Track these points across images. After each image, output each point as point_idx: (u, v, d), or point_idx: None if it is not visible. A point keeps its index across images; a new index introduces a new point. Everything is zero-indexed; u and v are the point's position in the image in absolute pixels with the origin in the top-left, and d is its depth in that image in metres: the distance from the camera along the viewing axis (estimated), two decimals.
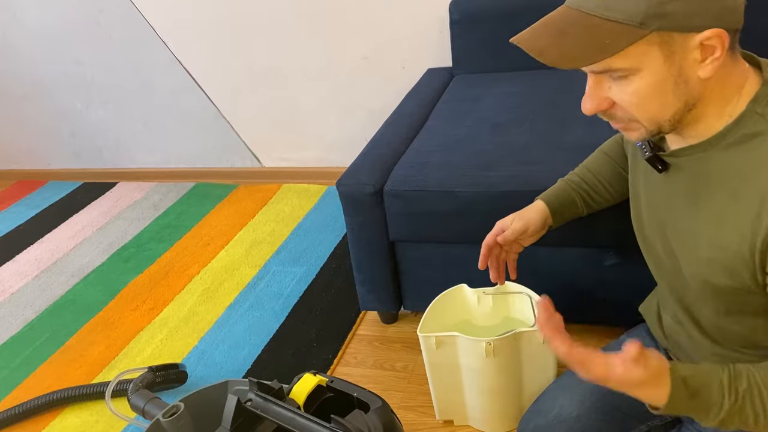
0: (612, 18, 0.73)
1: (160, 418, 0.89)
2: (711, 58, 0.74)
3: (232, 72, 2.72)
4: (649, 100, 0.77)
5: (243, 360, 1.87)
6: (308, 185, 2.81)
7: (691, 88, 0.76)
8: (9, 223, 2.94)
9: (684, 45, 0.73)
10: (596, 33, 0.73)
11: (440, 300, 1.45)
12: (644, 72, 0.75)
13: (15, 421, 1.79)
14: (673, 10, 0.71)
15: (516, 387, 1.40)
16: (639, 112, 0.79)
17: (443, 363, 1.38)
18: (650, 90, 0.76)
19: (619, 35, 0.73)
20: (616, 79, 0.77)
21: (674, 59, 0.74)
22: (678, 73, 0.75)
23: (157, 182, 3.10)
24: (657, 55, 0.74)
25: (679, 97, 0.77)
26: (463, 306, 1.49)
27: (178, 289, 2.25)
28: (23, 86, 3.10)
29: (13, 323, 2.24)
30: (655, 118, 0.79)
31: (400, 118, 1.99)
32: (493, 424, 1.46)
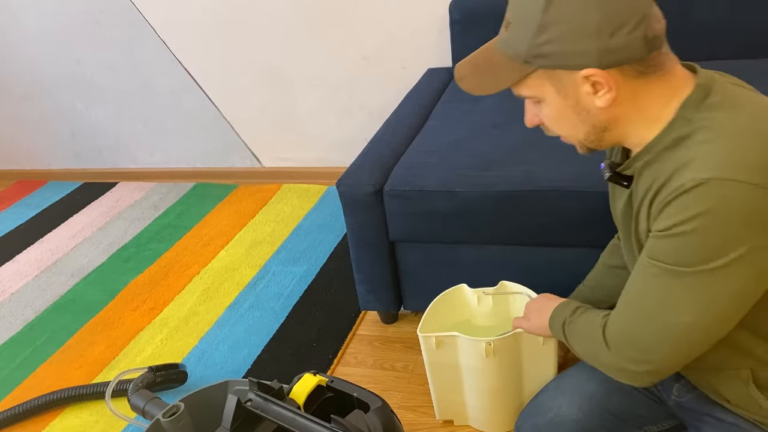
0: (507, 55, 0.86)
1: (160, 418, 0.89)
2: (602, 92, 0.82)
3: (232, 72, 2.72)
4: (559, 123, 0.89)
5: (243, 360, 1.87)
6: (308, 185, 2.81)
7: (594, 115, 0.85)
8: (9, 223, 2.94)
9: (571, 80, 0.83)
10: (496, 66, 0.87)
11: (440, 300, 1.45)
12: (546, 102, 0.87)
13: (15, 421, 1.79)
14: (549, 52, 0.81)
15: (516, 387, 1.40)
16: (556, 131, 0.91)
17: (443, 363, 1.38)
18: (555, 116, 0.88)
19: (512, 70, 0.86)
20: (533, 102, 0.90)
21: (567, 92, 0.84)
22: (575, 103, 0.85)
23: (157, 182, 3.10)
24: (550, 89, 0.85)
25: (585, 123, 0.87)
26: (462, 306, 1.49)
27: (178, 289, 2.25)
28: (23, 86, 3.10)
29: (13, 323, 2.24)
30: (572, 138, 0.91)
31: (400, 118, 1.99)
32: (493, 425, 1.46)
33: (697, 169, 0.76)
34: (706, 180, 0.74)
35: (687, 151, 0.80)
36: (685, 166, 0.78)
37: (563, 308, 1.09)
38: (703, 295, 0.79)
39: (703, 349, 0.85)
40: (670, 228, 0.78)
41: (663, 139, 0.83)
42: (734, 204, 0.74)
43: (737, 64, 1.89)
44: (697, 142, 0.79)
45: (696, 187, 0.75)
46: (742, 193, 0.74)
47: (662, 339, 0.84)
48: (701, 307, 0.80)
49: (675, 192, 0.77)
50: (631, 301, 0.88)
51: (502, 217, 1.54)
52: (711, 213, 0.75)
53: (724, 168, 0.75)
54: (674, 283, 0.80)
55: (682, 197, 0.77)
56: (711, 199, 0.74)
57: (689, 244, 0.77)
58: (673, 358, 0.86)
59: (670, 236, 0.79)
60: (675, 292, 0.81)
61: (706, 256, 0.77)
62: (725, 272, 0.77)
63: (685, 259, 0.78)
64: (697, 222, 0.76)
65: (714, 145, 0.78)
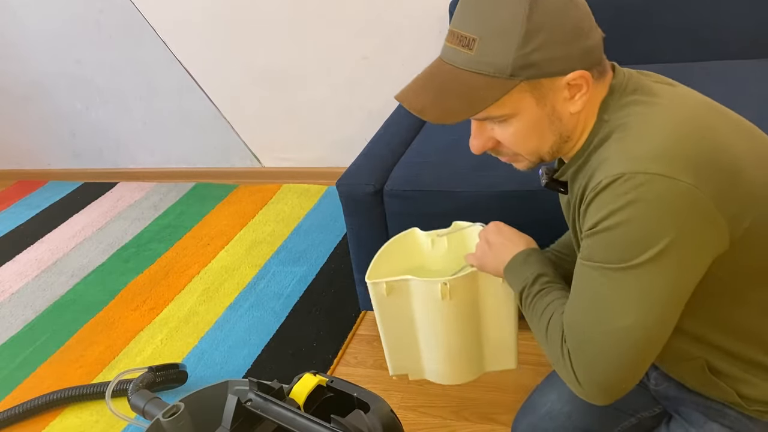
0: (484, 72, 0.80)
1: (160, 418, 0.89)
2: (579, 95, 0.81)
3: (232, 72, 2.72)
4: (528, 138, 0.85)
5: (243, 360, 1.87)
6: (308, 185, 2.81)
7: (564, 123, 0.84)
8: (9, 223, 2.94)
9: (553, 87, 0.81)
10: (470, 87, 0.81)
11: (390, 245, 1.32)
12: (520, 115, 0.82)
13: (15, 421, 1.79)
14: (538, 60, 0.78)
15: (475, 333, 1.27)
16: (520, 148, 0.87)
17: (396, 311, 1.26)
18: (528, 130, 0.84)
19: (492, 88, 0.80)
20: (496, 122, 0.84)
21: (546, 101, 0.82)
22: (551, 112, 0.83)
23: (157, 182, 3.10)
24: (530, 100, 0.81)
25: (554, 132, 0.85)
26: (415, 251, 1.36)
27: (178, 289, 2.25)
28: (23, 86, 3.10)
29: (13, 323, 2.24)
30: (535, 152, 0.87)
31: (400, 118, 1.99)
32: (451, 376, 1.33)
33: (610, 166, 0.77)
34: (619, 175, 0.75)
35: (605, 151, 0.81)
36: (602, 165, 0.79)
37: (522, 267, 0.99)
38: (636, 293, 0.77)
39: (654, 352, 0.81)
40: (594, 226, 0.78)
41: (589, 143, 0.85)
42: (649, 196, 0.73)
43: (738, 65, 1.90)
44: (613, 141, 0.81)
45: (611, 184, 0.75)
46: (654, 185, 0.73)
47: (608, 349, 0.79)
48: (636, 307, 0.77)
49: (593, 191, 0.78)
50: (574, 306, 0.84)
51: (502, 217, 1.53)
52: (628, 207, 0.74)
53: (635, 162, 0.75)
54: (606, 284, 0.79)
55: (600, 195, 0.77)
56: (626, 194, 0.74)
57: (613, 240, 0.77)
58: (624, 368, 0.80)
59: (594, 234, 0.78)
60: (608, 294, 0.79)
61: (631, 252, 0.76)
62: (652, 267, 0.75)
63: (612, 255, 0.77)
64: (616, 217, 0.75)
65: (626, 141, 0.79)
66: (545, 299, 0.93)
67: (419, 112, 0.84)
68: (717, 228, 0.76)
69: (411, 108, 0.84)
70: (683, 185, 0.73)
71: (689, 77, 0.99)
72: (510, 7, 0.78)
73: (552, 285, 0.94)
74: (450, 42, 0.84)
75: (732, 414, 0.91)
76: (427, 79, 0.86)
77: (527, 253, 1.01)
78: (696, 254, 0.77)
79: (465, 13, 0.82)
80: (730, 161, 0.78)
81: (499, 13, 0.79)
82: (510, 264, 1.01)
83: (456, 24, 0.83)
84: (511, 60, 0.78)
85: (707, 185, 0.74)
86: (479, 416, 1.60)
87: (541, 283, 0.95)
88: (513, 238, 1.05)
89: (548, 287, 0.94)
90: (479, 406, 1.62)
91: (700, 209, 0.74)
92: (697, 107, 0.83)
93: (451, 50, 0.83)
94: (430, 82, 0.85)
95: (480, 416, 1.59)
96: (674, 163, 0.74)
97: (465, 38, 0.81)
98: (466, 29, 0.81)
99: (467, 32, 0.81)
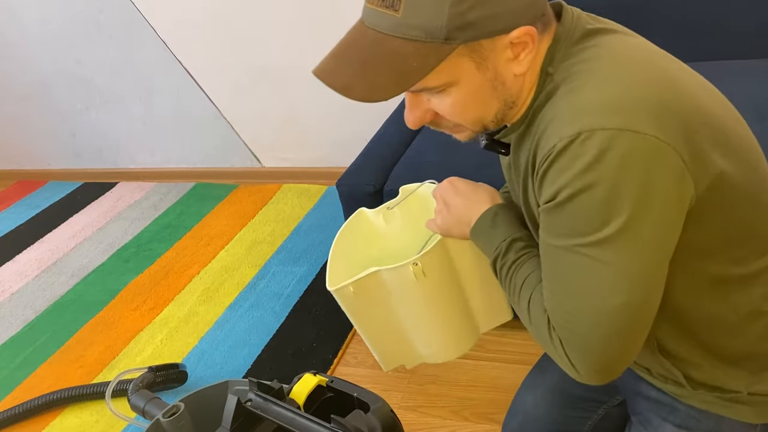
0: (414, 37, 0.68)
1: (160, 418, 0.89)
2: (524, 53, 0.72)
3: (232, 72, 2.71)
4: (470, 107, 0.75)
5: (243, 360, 1.87)
6: (308, 185, 2.81)
7: (508, 86, 0.74)
8: (9, 223, 2.95)
9: (494, 48, 0.70)
10: (400, 57, 0.69)
11: (341, 238, 1.18)
12: (459, 83, 0.72)
13: (15, 421, 1.79)
14: (476, 19, 0.67)
15: (460, 301, 1.16)
16: (461, 119, 0.77)
17: (370, 309, 1.14)
18: (468, 98, 0.74)
19: (426, 55, 0.68)
20: (433, 92, 0.74)
21: (487, 65, 0.71)
22: (493, 77, 0.73)
23: (157, 182, 3.11)
24: (469, 65, 0.71)
25: (498, 98, 0.75)
26: (370, 234, 1.23)
27: (178, 289, 2.25)
28: (23, 86, 3.10)
29: (13, 323, 2.24)
30: (478, 122, 0.77)
31: (400, 118, 1.99)
32: (447, 352, 1.21)
33: (561, 125, 0.68)
34: (575, 136, 0.66)
35: (552, 108, 0.72)
36: (551, 125, 0.70)
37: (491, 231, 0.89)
38: (619, 268, 0.69)
39: (649, 319, 0.74)
40: (554, 197, 0.69)
41: (534, 101, 0.76)
42: (611, 155, 0.65)
43: (737, 65, 1.89)
44: (561, 96, 0.72)
45: (567, 147, 0.67)
46: (615, 141, 0.65)
47: (602, 331, 0.72)
48: (622, 282, 0.69)
49: (546, 157, 0.69)
50: (553, 292, 0.76)
51: None
52: (590, 171, 0.66)
53: (589, 117, 0.66)
54: (583, 265, 0.70)
55: (556, 162, 0.68)
56: (584, 156, 0.66)
57: (578, 210, 0.68)
58: (623, 346, 0.74)
59: (556, 207, 0.70)
60: (589, 276, 0.70)
61: (600, 220, 0.67)
62: (627, 235, 0.67)
63: (579, 227, 0.69)
64: (578, 183, 0.67)
65: (576, 94, 0.70)
66: (521, 272, 0.84)
67: (343, 89, 0.72)
68: (686, 182, 0.69)
69: (332, 86, 0.73)
70: (649, 139, 0.65)
71: None
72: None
73: (527, 252, 0.85)
74: (371, 2, 0.71)
75: (682, 409, 0.89)
76: (347, 49, 0.74)
77: (494, 213, 0.90)
78: (671, 210, 0.69)
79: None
80: (692, 107, 0.70)
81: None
82: (477, 227, 0.91)
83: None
84: (444, 21, 0.66)
85: (672, 136, 0.67)
86: (479, 416, 1.60)
87: (516, 250, 0.85)
88: (472, 195, 0.94)
89: (523, 255, 0.85)
90: (479, 406, 1.62)
91: (669, 163, 0.67)
92: (654, 54, 0.76)
93: (373, 12, 0.71)
94: (352, 52, 0.73)
95: (480, 416, 1.59)
96: (634, 113, 0.66)
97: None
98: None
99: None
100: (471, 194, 0.94)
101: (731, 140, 0.74)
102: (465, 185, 0.95)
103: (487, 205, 0.91)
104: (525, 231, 0.87)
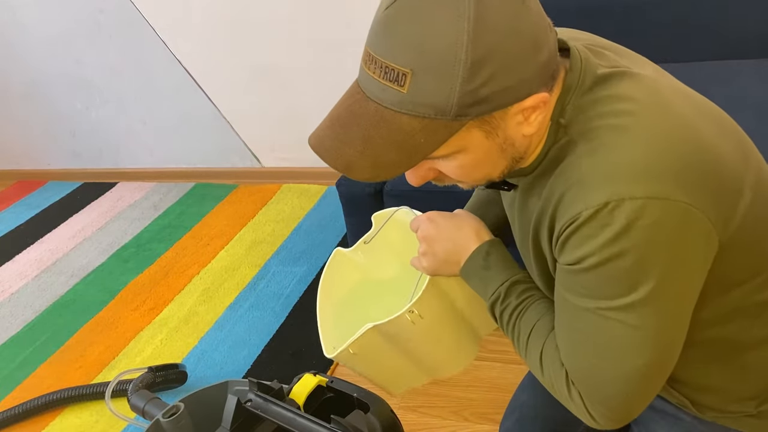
0: (421, 114, 0.63)
1: (160, 418, 0.89)
2: (535, 115, 0.68)
3: (232, 71, 2.71)
4: (476, 170, 0.72)
5: (243, 360, 1.87)
6: (308, 185, 2.81)
7: (517, 147, 0.71)
8: (9, 223, 2.94)
9: (504, 116, 0.67)
10: (406, 134, 0.64)
11: (326, 287, 1.14)
12: (467, 151, 0.69)
13: (15, 421, 1.79)
14: (488, 95, 0.63)
15: (460, 321, 1.13)
16: (468, 179, 0.74)
17: (373, 358, 1.12)
18: (476, 162, 0.71)
19: (434, 132, 0.64)
20: (443, 158, 0.70)
21: (497, 132, 0.68)
22: (503, 141, 0.70)
23: (157, 182, 3.10)
24: (478, 135, 0.67)
25: (506, 158, 0.72)
26: (354, 274, 1.20)
27: (178, 289, 2.25)
28: (23, 86, 3.10)
29: (13, 323, 2.24)
30: (484, 179, 0.75)
31: None
32: (456, 366, 1.20)
33: (588, 191, 0.66)
34: (602, 205, 0.64)
35: (573, 168, 0.69)
36: (575, 188, 0.68)
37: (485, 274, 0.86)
38: (644, 330, 0.69)
39: (669, 372, 0.75)
40: (579, 262, 0.68)
41: (545, 152, 0.73)
42: (642, 224, 0.64)
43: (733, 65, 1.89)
44: (581, 156, 0.69)
45: (594, 216, 0.65)
46: (646, 211, 0.63)
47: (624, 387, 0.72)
48: (647, 343, 0.69)
49: (571, 223, 0.67)
50: (573, 349, 0.75)
51: None
52: (618, 240, 0.64)
53: (617, 184, 0.65)
54: (608, 327, 0.69)
55: (582, 228, 0.66)
56: (613, 226, 0.64)
57: (604, 276, 0.67)
58: (642, 398, 0.75)
59: (580, 271, 0.68)
60: (613, 337, 0.70)
61: (628, 286, 0.67)
62: (655, 299, 0.67)
63: (605, 292, 0.68)
64: (606, 252, 0.65)
65: (598, 156, 0.67)
66: (526, 318, 0.82)
67: (345, 169, 0.67)
68: (712, 241, 0.69)
69: (334, 165, 0.68)
70: (679, 205, 0.64)
71: (690, 77, 0.99)
72: (446, 31, 0.61)
73: (528, 295, 0.83)
74: (371, 70, 0.65)
75: (687, 420, 0.88)
76: (348, 122, 0.68)
77: (485, 252, 0.86)
78: (698, 271, 0.70)
79: (387, 35, 0.64)
80: (714, 161, 0.69)
81: (432, 40, 0.61)
82: (467, 269, 0.88)
83: (377, 47, 0.65)
84: (455, 100, 0.62)
85: (699, 198, 0.66)
86: (479, 416, 1.60)
87: (517, 294, 0.83)
88: (456, 232, 0.89)
89: (526, 299, 0.83)
90: (479, 406, 1.62)
91: (697, 228, 0.66)
92: (669, 98, 0.73)
93: (373, 83, 0.65)
94: (352, 128, 0.67)
95: (480, 416, 1.59)
96: (663, 179, 0.65)
97: (392, 71, 0.63)
98: (392, 59, 0.63)
99: (394, 63, 0.63)
100: (455, 231, 0.89)
101: (746, 180, 0.73)
102: (446, 221, 0.90)
103: (474, 242, 0.88)
104: (522, 271, 0.85)
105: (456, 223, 0.90)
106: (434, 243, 0.90)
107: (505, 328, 0.84)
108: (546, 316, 0.80)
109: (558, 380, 0.78)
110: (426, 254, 0.91)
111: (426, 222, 0.91)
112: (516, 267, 0.86)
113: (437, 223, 0.90)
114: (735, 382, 0.83)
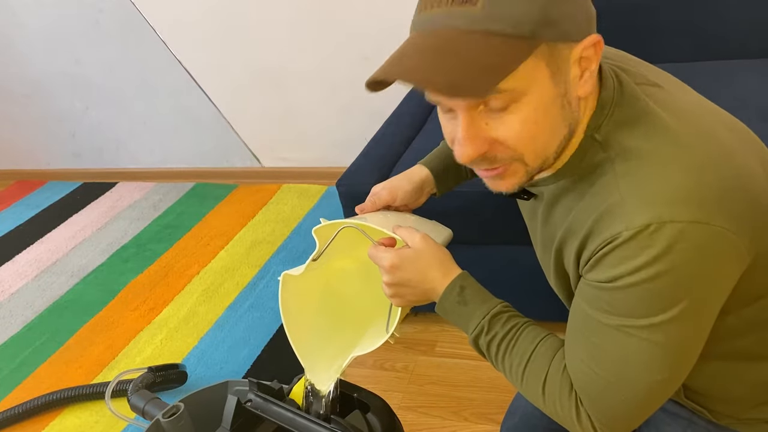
0: (498, 31, 0.61)
1: (160, 418, 0.89)
2: (588, 72, 0.67)
3: (232, 72, 2.71)
4: (539, 128, 0.67)
5: (243, 360, 1.87)
6: (308, 185, 2.81)
7: (573, 110, 0.68)
8: (9, 223, 2.94)
9: (567, 58, 0.65)
10: (482, 51, 0.61)
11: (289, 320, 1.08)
12: (529, 96, 0.64)
13: (15, 421, 1.79)
14: (559, 16, 0.61)
15: None
16: (528, 145, 0.68)
17: None
18: (539, 116, 0.66)
19: (509, 51, 0.61)
20: (493, 112, 0.66)
21: (560, 76, 0.65)
22: (564, 93, 0.66)
23: (157, 182, 3.10)
24: (545, 73, 0.64)
25: (565, 122, 0.68)
26: (314, 295, 1.12)
27: (178, 290, 2.25)
28: (23, 86, 3.10)
29: (12, 323, 2.24)
30: (543, 151, 0.69)
31: (400, 118, 1.99)
32: None
33: (628, 213, 0.65)
34: (643, 227, 0.64)
35: (611, 188, 0.68)
36: (614, 209, 0.67)
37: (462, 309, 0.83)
38: (666, 348, 0.69)
39: (673, 392, 0.76)
40: (613, 280, 0.67)
41: (576, 163, 0.72)
42: (682, 248, 0.64)
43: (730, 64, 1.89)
44: (619, 176, 0.68)
45: (634, 237, 0.65)
46: (687, 235, 0.64)
47: (637, 402, 0.73)
48: (667, 360, 0.70)
49: (610, 242, 0.66)
50: (590, 363, 0.73)
51: (503, 217, 1.54)
52: (657, 262, 0.64)
53: (659, 207, 0.64)
54: (632, 344, 0.69)
55: (620, 248, 0.66)
56: (654, 248, 0.64)
57: (637, 296, 0.67)
58: (649, 412, 0.76)
59: (613, 289, 0.68)
60: (636, 354, 0.70)
61: (659, 306, 0.67)
62: (682, 320, 0.67)
63: (635, 311, 0.68)
64: (643, 273, 0.65)
65: (638, 178, 0.67)
66: (517, 349, 0.79)
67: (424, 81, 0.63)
68: (743, 264, 0.69)
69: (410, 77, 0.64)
70: (718, 230, 0.64)
71: (690, 77, 0.99)
72: None
73: (514, 324, 0.81)
74: (436, 4, 0.63)
75: (701, 424, 0.89)
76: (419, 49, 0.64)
77: (459, 287, 0.83)
78: (726, 290, 0.70)
79: None
80: (748, 183, 0.69)
81: None
82: (443, 307, 0.85)
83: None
84: (536, 13, 0.60)
85: (736, 223, 0.66)
86: (479, 416, 1.60)
87: (501, 324, 0.80)
88: (422, 271, 0.84)
89: (512, 329, 0.80)
90: (479, 406, 1.62)
91: (733, 253, 0.67)
92: (701, 120, 0.73)
93: (439, 15, 0.63)
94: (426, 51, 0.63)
95: (480, 416, 1.59)
96: (704, 204, 0.65)
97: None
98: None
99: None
100: (420, 271, 0.84)
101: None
102: (406, 262, 0.84)
103: (443, 279, 0.84)
104: (498, 301, 0.83)
105: (415, 259, 0.85)
106: (400, 286, 0.86)
107: (494, 359, 0.82)
108: (543, 344, 0.79)
109: (564, 404, 0.77)
110: (394, 296, 0.88)
111: (386, 266, 0.85)
112: (491, 296, 0.84)
113: (395, 264, 0.84)
114: (752, 392, 0.83)
